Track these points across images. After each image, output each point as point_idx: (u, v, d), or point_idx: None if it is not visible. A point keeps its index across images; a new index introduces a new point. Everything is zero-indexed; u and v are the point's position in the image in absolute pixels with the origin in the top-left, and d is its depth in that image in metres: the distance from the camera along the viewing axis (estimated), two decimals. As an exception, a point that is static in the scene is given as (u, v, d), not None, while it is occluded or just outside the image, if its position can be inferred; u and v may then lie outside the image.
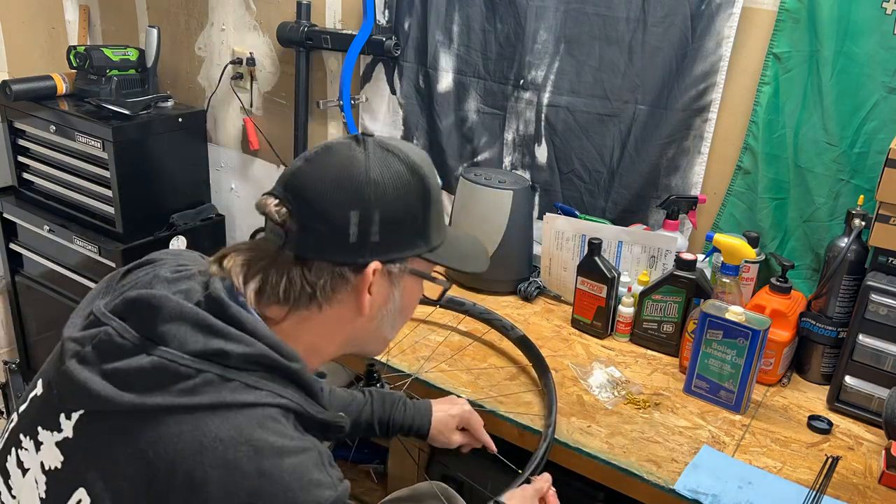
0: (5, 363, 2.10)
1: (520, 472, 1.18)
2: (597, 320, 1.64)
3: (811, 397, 1.46)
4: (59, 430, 0.80)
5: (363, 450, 1.94)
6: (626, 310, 1.61)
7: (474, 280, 1.82)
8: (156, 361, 0.77)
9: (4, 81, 2.30)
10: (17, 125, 2.44)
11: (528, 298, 1.80)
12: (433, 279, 0.94)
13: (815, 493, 1.18)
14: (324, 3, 2.16)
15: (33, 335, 2.70)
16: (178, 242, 2.41)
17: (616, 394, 1.43)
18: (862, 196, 1.46)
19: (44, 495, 0.80)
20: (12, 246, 2.57)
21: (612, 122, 1.77)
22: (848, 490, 1.21)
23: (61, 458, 0.79)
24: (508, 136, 1.94)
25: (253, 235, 0.91)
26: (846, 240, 1.44)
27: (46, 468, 0.80)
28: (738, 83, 1.62)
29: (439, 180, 0.95)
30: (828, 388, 1.44)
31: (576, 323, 1.68)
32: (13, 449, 0.85)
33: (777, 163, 1.59)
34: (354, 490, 1.50)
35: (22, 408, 0.87)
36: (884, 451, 1.24)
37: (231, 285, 0.84)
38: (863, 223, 1.42)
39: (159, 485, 0.73)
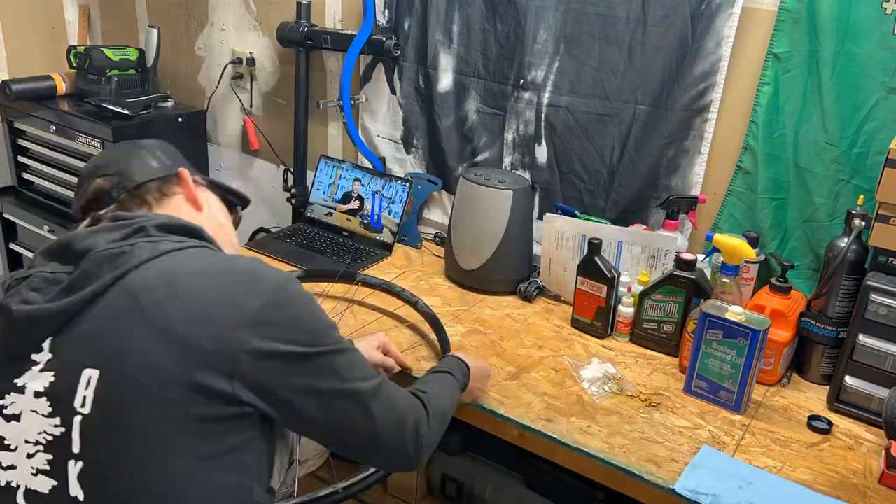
0: (5, 363, 2.10)
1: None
2: (597, 320, 1.64)
3: (811, 397, 1.46)
4: (37, 363, 0.88)
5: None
6: (625, 310, 1.61)
7: (474, 280, 1.82)
8: (91, 259, 0.89)
9: (4, 81, 2.30)
10: (17, 125, 2.44)
11: (528, 298, 1.80)
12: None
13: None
14: (324, 3, 2.16)
15: (33, 335, 2.70)
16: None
17: (606, 389, 1.43)
18: (862, 196, 1.46)
19: (49, 409, 0.86)
20: (12, 246, 2.57)
21: (612, 122, 1.77)
22: (848, 490, 1.20)
23: (51, 375, 0.87)
24: (508, 136, 1.94)
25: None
26: (846, 240, 1.44)
27: (42, 390, 0.87)
28: (738, 83, 1.62)
29: None
30: (828, 388, 1.44)
31: (576, 323, 1.68)
32: None
33: (777, 163, 1.59)
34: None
35: None
36: (884, 451, 1.24)
37: None
38: (863, 223, 1.42)
39: (150, 312, 0.85)
